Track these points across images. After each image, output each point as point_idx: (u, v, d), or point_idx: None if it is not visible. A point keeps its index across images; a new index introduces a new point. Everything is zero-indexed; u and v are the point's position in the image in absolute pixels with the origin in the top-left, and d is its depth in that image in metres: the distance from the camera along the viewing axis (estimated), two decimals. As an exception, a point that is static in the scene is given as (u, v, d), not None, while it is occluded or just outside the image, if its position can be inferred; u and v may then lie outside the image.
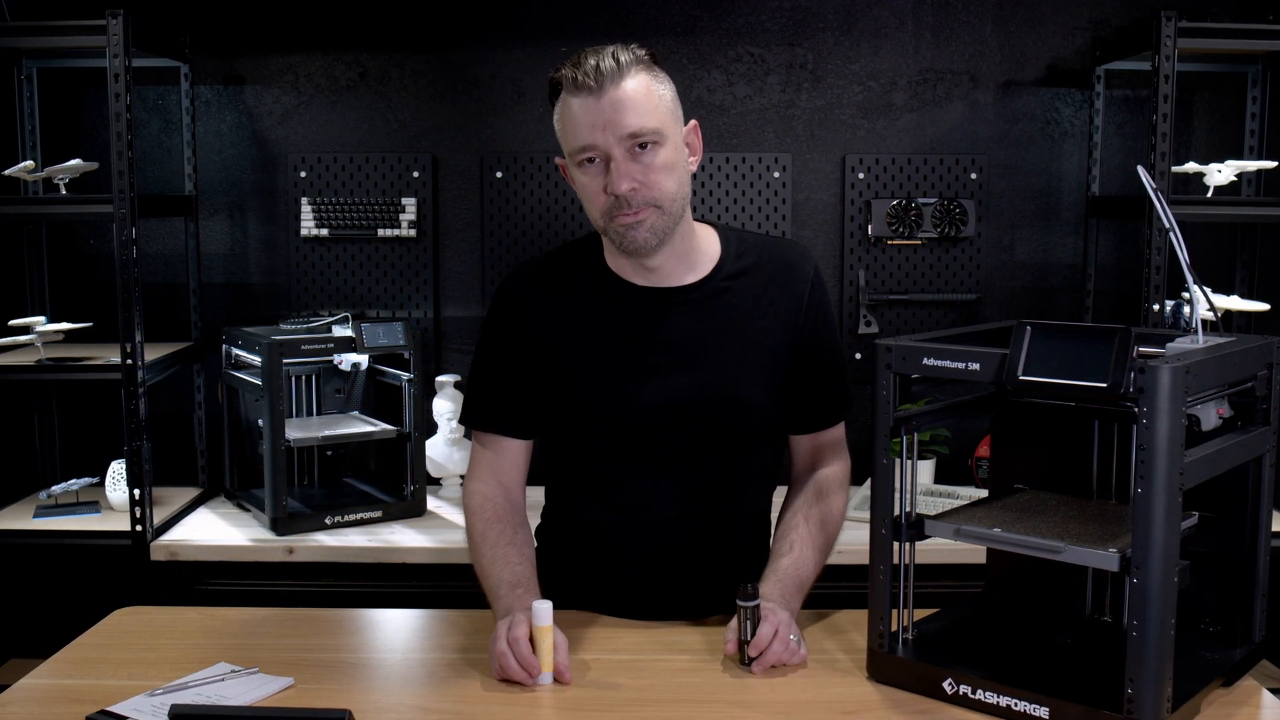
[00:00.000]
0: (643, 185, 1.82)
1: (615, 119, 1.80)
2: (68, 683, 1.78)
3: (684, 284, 1.96)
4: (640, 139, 1.81)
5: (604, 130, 1.80)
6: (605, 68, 1.79)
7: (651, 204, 1.83)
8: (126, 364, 3.01)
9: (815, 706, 1.68)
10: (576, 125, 1.82)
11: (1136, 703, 1.51)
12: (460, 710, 1.68)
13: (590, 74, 1.79)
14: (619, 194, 1.81)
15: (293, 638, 1.96)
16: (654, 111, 1.83)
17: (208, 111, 3.54)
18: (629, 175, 1.81)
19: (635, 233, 1.84)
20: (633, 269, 1.96)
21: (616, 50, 1.82)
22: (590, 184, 1.85)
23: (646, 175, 1.82)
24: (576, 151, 1.84)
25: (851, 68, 3.52)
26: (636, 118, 1.81)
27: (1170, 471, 1.47)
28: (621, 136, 1.80)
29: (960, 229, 3.50)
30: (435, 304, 3.58)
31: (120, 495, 3.19)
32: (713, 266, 1.98)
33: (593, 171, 1.84)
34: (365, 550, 2.99)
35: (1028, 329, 1.61)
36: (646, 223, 1.84)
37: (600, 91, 1.80)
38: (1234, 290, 3.45)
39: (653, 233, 1.85)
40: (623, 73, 1.80)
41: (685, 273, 1.96)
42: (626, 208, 1.83)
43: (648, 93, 1.83)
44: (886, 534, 1.72)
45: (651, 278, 1.96)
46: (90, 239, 3.59)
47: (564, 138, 1.87)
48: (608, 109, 1.80)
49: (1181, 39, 2.98)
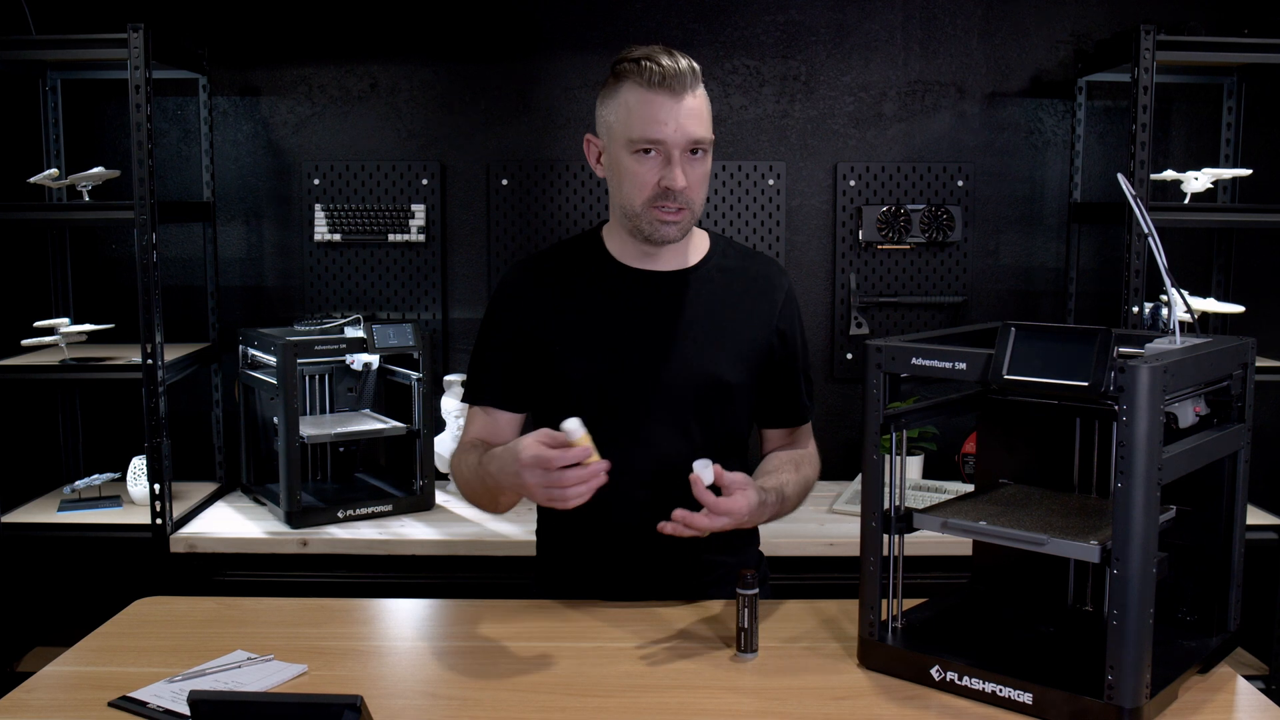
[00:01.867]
0: (689, 187, 1.95)
1: (686, 123, 1.93)
2: (90, 670, 1.80)
3: (675, 269, 2.09)
4: (699, 145, 1.95)
5: (675, 130, 1.92)
6: (684, 72, 1.92)
7: (688, 206, 1.97)
8: (147, 364, 3.03)
9: (808, 692, 1.70)
10: (647, 119, 1.93)
11: (1116, 689, 1.53)
12: (467, 696, 1.70)
13: (672, 75, 1.91)
14: (674, 188, 1.93)
15: (306, 626, 1.98)
16: (709, 123, 1.99)
17: (225, 121, 3.56)
18: (687, 174, 1.94)
19: (669, 228, 1.98)
20: (634, 254, 2.08)
21: (684, 57, 1.94)
22: (641, 172, 1.96)
23: (695, 179, 1.96)
24: (640, 140, 1.94)
25: (843, 79, 3.56)
26: (701, 126, 1.95)
27: (1149, 467, 1.48)
28: (689, 140, 1.94)
29: (947, 234, 3.53)
30: (443, 306, 3.61)
31: (141, 490, 3.22)
32: (701, 258, 2.11)
33: (648, 162, 1.95)
34: (376, 543, 3.01)
35: (1012, 330, 1.63)
36: (681, 221, 1.99)
37: (681, 93, 1.92)
38: (1210, 293, 3.48)
39: (681, 230, 2.00)
40: (696, 81, 1.94)
41: (679, 261, 2.09)
42: (671, 202, 1.95)
43: (707, 104, 1.98)
44: (876, 527, 1.74)
45: (649, 262, 2.08)
46: (112, 244, 3.61)
47: (626, 124, 1.95)
48: (682, 113, 1.92)
49: (1160, 52, 3.01)
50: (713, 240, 2.15)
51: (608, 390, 2.04)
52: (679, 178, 1.94)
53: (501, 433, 2.12)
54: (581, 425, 1.75)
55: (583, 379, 2.05)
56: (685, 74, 1.92)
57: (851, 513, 3.15)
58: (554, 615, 2.03)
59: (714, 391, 2.06)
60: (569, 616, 2.01)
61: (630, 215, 2.00)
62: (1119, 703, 1.54)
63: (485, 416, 2.13)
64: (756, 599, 1.83)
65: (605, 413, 2.01)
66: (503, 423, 2.13)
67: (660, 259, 2.08)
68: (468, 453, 2.06)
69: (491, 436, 2.11)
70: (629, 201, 1.99)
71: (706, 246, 2.14)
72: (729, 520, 1.83)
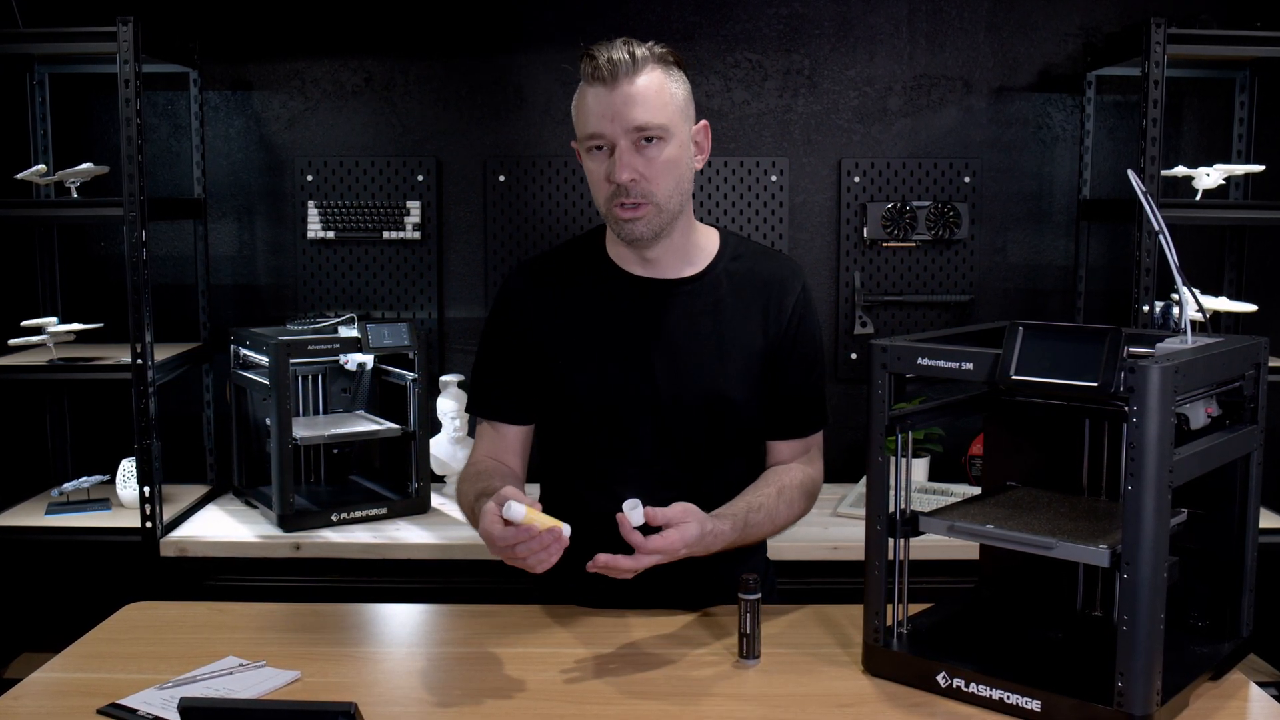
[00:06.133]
0: (642, 178, 1.90)
1: (623, 111, 1.87)
2: (79, 676, 1.79)
3: (679, 277, 2.03)
4: (646, 133, 1.89)
5: (612, 121, 1.88)
6: (620, 61, 1.87)
7: (648, 199, 1.90)
8: (136, 364, 3.02)
9: (812, 699, 1.70)
10: (588, 113, 1.90)
11: (1127, 696, 1.52)
12: (464, 703, 1.69)
13: (605, 66, 1.87)
14: (619, 182, 1.89)
15: (299, 632, 1.97)
16: (663, 108, 1.89)
17: (216, 116, 3.55)
18: (630, 166, 1.89)
19: (633, 225, 1.93)
20: (633, 259, 2.03)
21: (634, 45, 1.89)
22: (596, 170, 1.93)
23: (648, 169, 1.90)
24: (586, 138, 1.92)
25: (847, 73, 3.55)
26: (644, 112, 1.88)
27: (1160, 469, 1.47)
28: (628, 129, 1.88)
29: (954, 231, 3.51)
30: (439, 305, 3.60)
31: (130, 493, 3.19)
32: (708, 264, 2.05)
33: (599, 159, 1.92)
34: (370, 546, 3.00)
35: (1020, 329, 1.62)
36: (644, 218, 1.92)
37: (613, 83, 1.87)
38: (1222, 291, 3.46)
39: (649, 227, 1.93)
40: (637, 68, 1.88)
41: (683, 266, 2.04)
42: (625, 198, 1.90)
43: (659, 89, 1.89)
44: (882, 530, 1.73)
45: (650, 269, 2.03)
46: (101, 241, 3.60)
47: (577, 124, 1.95)
48: (618, 101, 1.87)
49: (1171, 45, 3.00)
50: (723, 241, 2.09)
51: (607, 404, 2.01)
52: (620, 170, 1.88)
53: (510, 448, 2.10)
54: (522, 507, 1.69)
55: (583, 392, 2.01)
56: (622, 62, 1.87)
57: (856, 516, 3.15)
58: (552, 621, 2.01)
59: (716, 408, 2.02)
60: (568, 622, 2.00)
61: (603, 217, 1.99)
62: (1129, 710, 1.53)
63: (493, 432, 2.10)
64: (759, 604, 1.81)
65: (605, 426, 2.00)
66: (510, 437, 2.10)
67: (660, 265, 2.03)
68: (472, 481, 2.01)
69: (500, 454, 2.09)
70: (597, 203, 1.97)
71: (715, 249, 2.08)
72: (661, 557, 1.77)
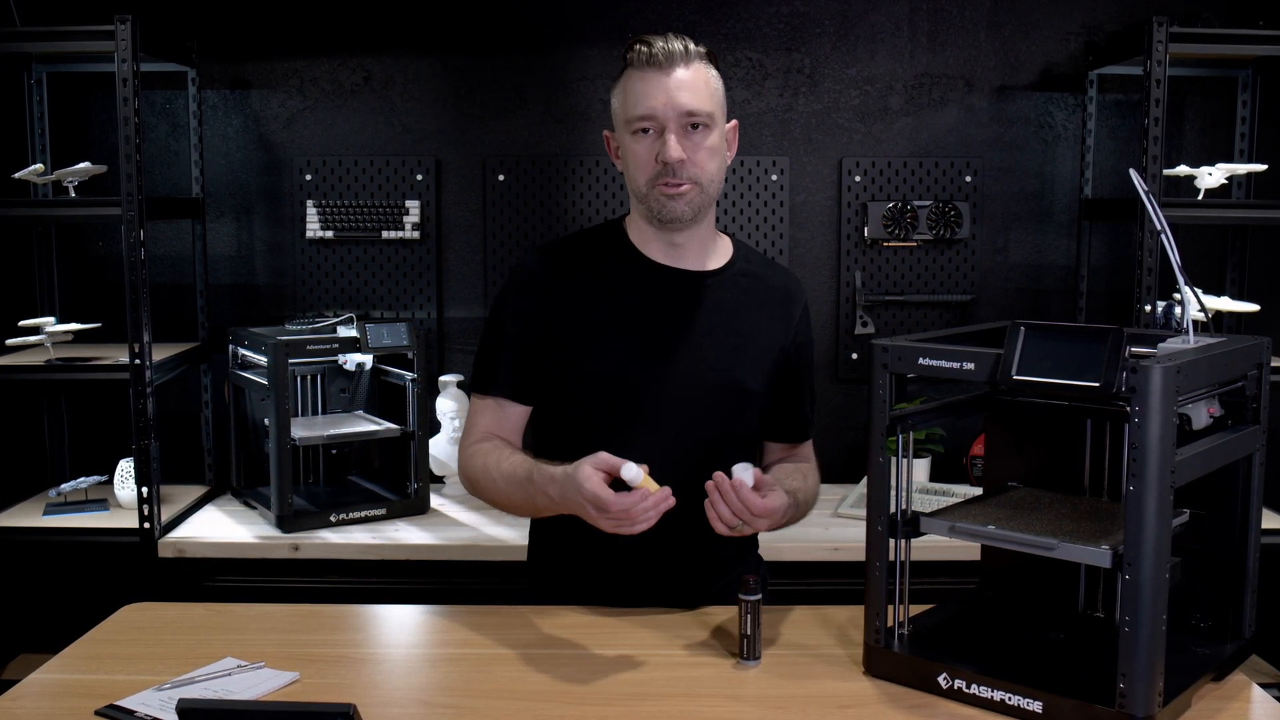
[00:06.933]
0: (690, 160, 1.96)
1: (676, 96, 1.94)
2: (77, 678, 1.79)
3: (704, 269, 2.08)
4: (694, 119, 1.96)
5: (665, 104, 1.94)
6: (674, 49, 1.95)
7: (694, 180, 1.97)
8: (135, 364, 3.01)
9: (812, 701, 1.69)
10: (639, 96, 1.96)
11: (1129, 697, 1.52)
12: (463, 704, 1.69)
13: (660, 52, 1.95)
14: (669, 161, 1.95)
15: (298, 633, 1.97)
16: (710, 97, 1.98)
17: (214, 115, 3.55)
18: (680, 147, 1.94)
19: (675, 203, 1.98)
20: (659, 249, 2.07)
21: (685, 39, 1.98)
22: (641, 151, 1.98)
23: (695, 153, 1.97)
24: (635, 119, 1.97)
25: (848, 72, 3.54)
26: (694, 99, 1.95)
27: (1162, 470, 1.48)
28: (680, 112, 1.95)
29: (955, 231, 3.51)
30: (438, 305, 3.59)
31: (128, 493, 3.19)
32: (725, 262, 2.11)
33: (646, 140, 1.98)
34: (369, 547, 2.99)
35: (1021, 329, 1.62)
36: (687, 196, 1.98)
37: (669, 68, 1.95)
38: (1224, 291, 3.46)
39: (690, 206, 1.99)
40: (689, 57, 1.97)
41: (705, 260, 2.09)
42: (672, 177, 1.95)
43: (706, 80, 1.99)
44: (883, 531, 1.73)
45: (674, 258, 2.07)
46: (99, 241, 3.59)
47: (624, 107, 2.00)
48: (671, 85, 1.95)
49: (1173, 44, 3.00)
50: (736, 246, 2.16)
51: (624, 388, 2.03)
52: (672, 148, 1.95)
53: (512, 427, 2.11)
54: (640, 469, 1.74)
55: (600, 375, 2.03)
56: (676, 51, 1.96)
57: (857, 516, 3.14)
58: (552, 621, 2.01)
59: (732, 397, 2.07)
60: (567, 623, 2.00)
61: (640, 198, 2.03)
62: (1131, 711, 1.52)
63: (497, 409, 2.10)
64: (759, 605, 1.82)
65: (619, 410, 2.01)
66: (513, 416, 2.11)
67: (684, 256, 2.07)
68: (484, 450, 2.03)
69: (500, 430, 2.09)
70: (636, 184, 2.01)
71: (730, 252, 2.14)
72: (767, 522, 1.85)
